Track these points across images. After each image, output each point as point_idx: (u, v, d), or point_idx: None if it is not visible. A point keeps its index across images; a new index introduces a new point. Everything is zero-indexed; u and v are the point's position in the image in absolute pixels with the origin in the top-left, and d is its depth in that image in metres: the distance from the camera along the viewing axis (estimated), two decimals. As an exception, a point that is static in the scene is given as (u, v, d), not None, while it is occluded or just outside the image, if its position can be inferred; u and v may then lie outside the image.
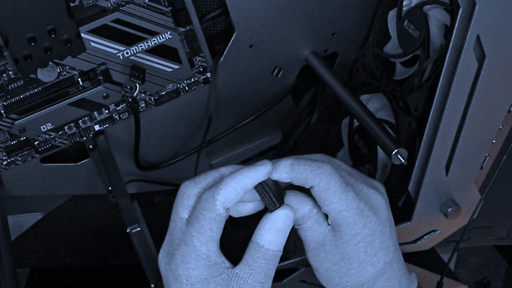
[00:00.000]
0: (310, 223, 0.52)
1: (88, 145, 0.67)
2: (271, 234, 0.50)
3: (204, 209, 0.49)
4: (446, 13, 0.58)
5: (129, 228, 0.60)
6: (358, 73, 0.70)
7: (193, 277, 0.50)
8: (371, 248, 0.53)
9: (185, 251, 0.50)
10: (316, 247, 0.53)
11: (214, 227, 0.49)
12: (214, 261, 0.50)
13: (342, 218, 0.51)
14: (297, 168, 0.51)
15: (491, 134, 0.59)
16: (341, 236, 0.52)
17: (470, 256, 1.18)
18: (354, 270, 0.53)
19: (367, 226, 0.52)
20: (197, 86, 0.67)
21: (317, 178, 0.50)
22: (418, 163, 0.60)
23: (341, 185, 0.51)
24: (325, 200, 0.51)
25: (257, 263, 0.50)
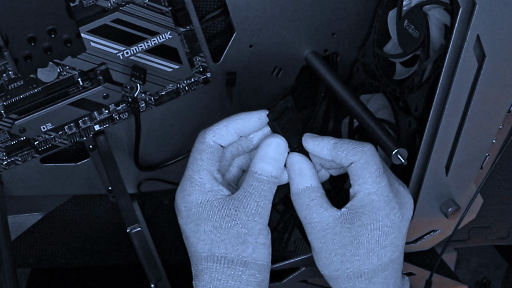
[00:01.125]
0: (314, 204, 0.53)
1: (88, 145, 0.67)
2: (263, 162, 0.53)
3: (196, 142, 0.54)
4: (446, 13, 0.58)
5: (129, 228, 0.60)
6: (358, 73, 0.70)
7: (189, 202, 0.53)
8: (384, 240, 0.53)
9: (183, 181, 0.54)
10: (323, 229, 0.53)
11: (204, 157, 0.54)
12: (209, 188, 0.53)
13: (368, 201, 0.52)
14: (340, 146, 0.53)
15: (491, 134, 0.59)
16: (359, 218, 0.52)
17: (470, 256, 1.18)
18: (359, 256, 0.53)
19: (390, 217, 0.53)
20: (197, 86, 0.67)
21: (358, 154, 0.52)
22: (418, 163, 0.60)
23: (378, 168, 0.53)
24: (359, 178, 0.53)
25: (251, 186, 0.53)
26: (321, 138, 0.54)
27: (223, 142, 0.54)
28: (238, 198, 0.52)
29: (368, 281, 0.54)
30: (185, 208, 0.53)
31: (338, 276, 0.54)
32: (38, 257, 0.82)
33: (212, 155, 0.54)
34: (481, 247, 1.16)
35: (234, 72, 0.67)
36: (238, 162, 0.57)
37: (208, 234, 0.52)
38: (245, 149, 0.56)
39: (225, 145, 0.55)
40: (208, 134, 0.54)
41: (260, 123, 0.54)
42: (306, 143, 0.55)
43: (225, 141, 0.54)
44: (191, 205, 0.53)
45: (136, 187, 0.73)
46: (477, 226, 0.81)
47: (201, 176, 0.53)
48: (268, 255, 0.53)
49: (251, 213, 0.52)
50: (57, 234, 0.80)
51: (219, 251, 0.52)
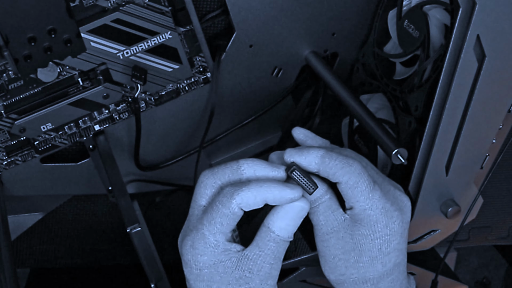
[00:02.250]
0: (323, 208, 0.52)
1: (88, 145, 0.67)
2: (283, 222, 0.50)
3: (220, 203, 0.49)
4: (446, 13, 0.58)
5: (129, 228, 0.60)
6: (358, 73, 0.70)
7: (201, 262, 0.50)
8: (386, 247, 0.53)
9: (195, 237, 0.50)
10: (327, 232, 0.52)
11: (224, 222, 0.50)
12: (223, 248, 0.50)
13: (365, 215, 0.51)
14: (328, 162, 0.51)
15: (491, 134, 0.59)
16: (359, 229, 0.52)
17: (470, 256, 1.18)
18: (363, 263, 0.53)
19: (389, 226, 0.52)
20: (197, 86, 0.67)
21: (347, 175, 0.50)
22: (418, 163, 0.60)
23: (369, 184, 0.51)
24: (351, 198, 0.51)
25: (267, 246, 0.50)
26: (307, 151, 0.51)
27: (247, 209, 0.50)
28: (252, 258, 0.50)
29: (374, 286, 0.54)
30: (196, 266, 0.51)
31: (344, 280, 0.54)
32: (38, 257, 0.82)
33: (232, 221, 0.50)
34: (481, 247, 1.16)
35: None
36: None
37: None
38: None
39: (248, 210, 0.50)
40: (235, 200, 0.49)
41: (290, 201, 0.50)
42: (292, 158, 0.51)
43: (250, 208, 0.50)
44: (203, 266, 0.50)
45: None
46: (477, 226, 0.81)
47: (217, 239, 0.50)
48: None
49: (264, 276, 0.51)
50: (57, 234, 0.80)
51: None
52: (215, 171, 0.52)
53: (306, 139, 0.55)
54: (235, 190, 0.49)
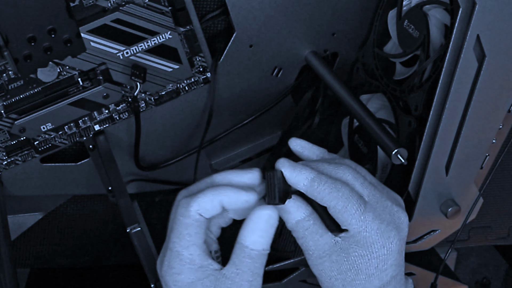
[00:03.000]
0: (309, 233, 0.51)
1: (88, 145, 0.67)
2: (254, 234, 0.50)
3: (181, 215, 0.50)
4: (446, 13, 0.58)
5: (129, 228, 0.60)
6: (358, 73, 0.70)
7: (179, 281, 0.50)
8: (383, 265, 0.52)
9: (170, 257, 0.51)
10: (320, 257, 0.52)
11: (192, 232, 0.50)
12: (199, 264, 0.50)
13: (360, 237, 0.51)
14: (316, 186, 0.50)
15: (491, 134, 0.59)
16: (356, 250, 0.51)
17: (470, 256, 1.17)
18: (360, 281, 0.52)
19: (386, 246, 0.51)
20: (197, 86, 0.67)
21: (334, 200, 0.50)
22: (418, 163, 0.60)
23: (359, 207, 0.50)
24: (343, 221, 0.51)
25: (243, 263, 0.50)
26: (299, 171, 0.50)
27: (207, 215, 0.50)
28: (230, 276, 0.50)
29: None
30: (175, 286, 0.51)
31: None
32: (38, 257, 0.82)
33: (199, 229, 0.50)
34: (481, 247, 1.16)
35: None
36: (217, 221, 0.54)
37: None
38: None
39: (209, 217, 0.51)
40: (192, 207, 0.49)
41: (246, 204, 0.50)
42: (283, 169, 0.51)
43: (210, 215, 0.50)
44: (182, 285, 0.50)
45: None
46: (477, 226, 0.81)
47: (191, 253, 0.50)
48: None
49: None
50: (57, 234, 0.80)
51: None
52: (190, 188, 0.52)
53: (303, 150, 0.55)
54: (191, 198, 0.50)
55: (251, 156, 0.76)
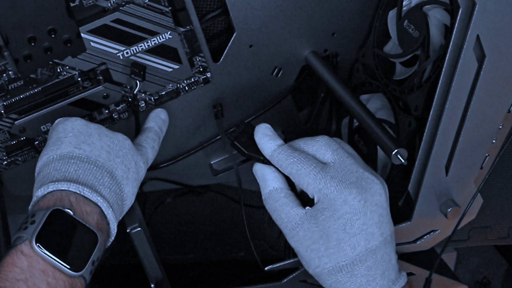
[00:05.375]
0: (280, 206, 0.56)
1: (88, 145, 0.67)
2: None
3: None
4: (446, 13, 0.58)
5: (129, 228, 0.60)
6: (358, 73, 0.70)
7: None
8: (350, 227, 0.54)
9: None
10: (293, 227, 0.55)
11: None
12: None
13: (322, 196, 0.54)
14: (276, 155, 0.57)
15: (491, 134, 0.59)
16: (322, 213, 0.54)
17: (470, 256, 1.17)
18: (333, 249, 0.54)
19: (348, 203, 0.54)
20: (197, 86, 0.67)
21: (289, 166, 0.56)
22: (418, 163, 0.60)
23: (314, 168, 0.55)
24: (303, 184, 0.55)
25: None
26: (267, 140, 0.58)
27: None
28: None
29: (350, 274, 0.54)
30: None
31: (321, 273, 0.55)
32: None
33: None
34: (481, 247, 1.16)
35: (220, 103, 0.68)
36: None
37: None
38: None
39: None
40: None
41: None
42: (255, 135, 0.58)
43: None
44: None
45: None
46: (477, 226, 0.81)
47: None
48: None
49: None
50: (57, 234, 0.80)
51: None
52: None
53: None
54: None
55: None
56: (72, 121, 0.57)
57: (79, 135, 0.56)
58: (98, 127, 0.57)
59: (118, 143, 0.57)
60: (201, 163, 0.73)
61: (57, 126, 0.57)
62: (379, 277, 0.55)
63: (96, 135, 0.56)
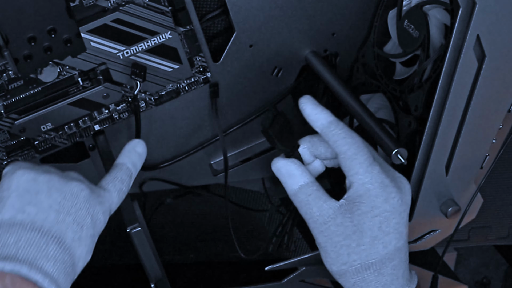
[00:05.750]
0: (313, 199, 0.53)
1: (88, 145, 0.67)
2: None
3: None
4: (446, 13, 0.58)
5: (129, 228, 0.60)
6: (358, 73, 0.70)
7: None
8: (386, 226, 0.53)
9: None
10: (325, 222, 0.53)
11: None
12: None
13: (364, 190, 0.53)
14: (333, 128, 0.54)
15: (491, 134, 0.59)
16: (359, 207, 0.52)
17: (470, 256, 1.18)
18: (365, 246, 0.53)
19: (389, 201, 0.53)
20: (197, 86, 0.67)
21: (346, 145, 0.53)
22: (418, 163, 0.60)
23: (368, 158, 0.53)
24: (350, 169, 0.53)
25: None
26: (320, 110, 0.55)
27: None
28: None
29: (377, 273, 0.53)
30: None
31: (347, 270, 0.54)
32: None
33: None
34: (481, 247, 1.16)
35: (216, 83, 0.67)
36: None
37: None
38: None
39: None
40: None
41: None
42: (305, 106, 0.55)
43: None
44: None
45: (138, 186, 0.73)
46: (477, 226, 0.81)
47: None
48: None
49: None
50: (57, 234, 0.80)
51: None
52: None
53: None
54: None
55: (251, 156, 0.76)
56: (18, 176, 0.50)
57: (24, 194, 0.49)
58: (48, 180, 0.50)
59: (71, 197, 0.51)
60: (201, 163, 0.73)
61: (3, 180, 0.51)
62: (400, 277, 0.55)
63: (45, 191, 0.50)
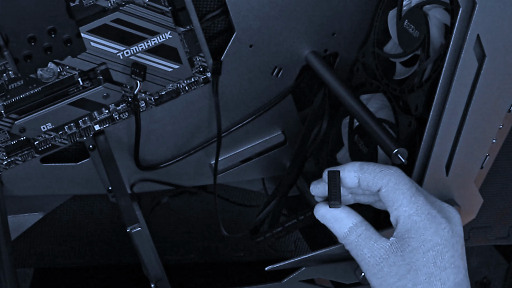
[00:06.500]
0: (363, 240, 0.51)
1: (88, 145, 0.67)
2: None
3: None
4: (446, 13, 0.58)
5: (129, 228, 0.60)
6: (358, 73, 0.70)
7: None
8: (441, 261, 0.50)
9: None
10: (377, 263, 0.50)
11: None
12: None
13: (411, 223, 0.50)
14: (366, 168, 0.52)
15: (491, 134, 0.59)
16: (409, 244, 0.50)
17: (470, 256, 1.17)
18: (421, 285, 0.50)
19: (439, 233, 0.50)
20: (197, 86, 0.67)
21: (386, 177, 0.51)
22: (418, 163, 0.60)
23: (411, 187, 0.50)
24: (394, 203, 0.50)
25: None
26: (346, 164, 0.52)
27: None
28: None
29: None
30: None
31: None
32: (38, 257, 0.82)
33: None
34: (481, 247, 1.16)
35: (220, 60, 0.66)
36: None
37: None
38: None
39: None
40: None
41: None
42: (336, 170, 0.52)
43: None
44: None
45: (130, 188, 0.73)
46: (477, 226, 0.81)
47: None
48: None
49: None
50: (57, 234, 0.80)
51: None
52: None
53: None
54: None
55: (251, 156, 0.76)
56: None
57: None
58: None
59: None
60: (201, 163, 0.73)
61: None
62: None
63: None
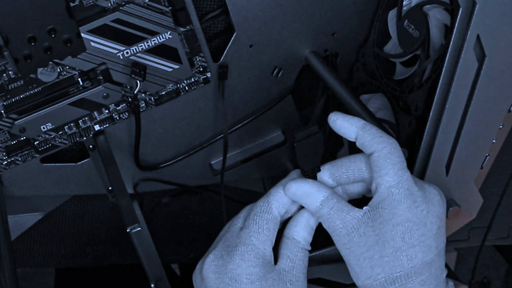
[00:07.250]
0: (335, 212, 0.52)
1: (88, 145, 0.67)
2: (305, 231, 0.53)
3: (260, 212, 0.53)
4: (446, 13, 0.58)
5: (129, 228, 0.60)
6: (358, 73, 0.70)
7: (254, 274, 0.51)
8: (409, 237, 0.51)
9: (245, 251, 0.52)
10: (348, 233, 0.51)
11: (271, 227, 0.52)
12: (268, 260, 0.52)
13: (388, 194, 0.51)
14: (369, 128, 0.53)
15: (491, 134, 0.59)
16: (380, 215, 0.51)
17: (470, 256, 1.18)
18: (388, 257, 0.51)
19: (411, 210, 0.51)
20: (197, 86, 0.67)
21: (383, 144, 0.52)
22: (418, 163, 0.60)
23: (402, 162, 0.52)
24: (381, 169, 0.51)
25: (297, 256, 0.52)
26: (352, 117, 0.53)
27: (283, 210, 0.53)
28: (288, 270, 0.52)
29: (403, 287, 0.51)
30: (247, 279, 0.51)
31: (371, 285, 0.52)
32: (38, 257, 0.82)
33: (276, 226, 0.53)
34: (481, 247, 1.16)
35: (226, 65, 0.66)
36: None
37: None
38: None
39: (283, 212, 0.54)
40: (273, 204, 0.53)
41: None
42: (336, 118, 0.53)
43: (284, 208, 0.54)
44: (255, 278, 0.51)
45: (133, 187, 0.73)
46: (477, 226, 0.81)
47: (266, 248, 0.52)
48: None
49: (302, 285, 0.53)
50: (57, 234, 0.80)
51: None
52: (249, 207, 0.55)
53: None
54: (267, 196, 0.53)
55: (251, 156, 0.76)
56: None
57: None
58: None
59: None
60: (201, 163, 0.73)
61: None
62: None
63: None
